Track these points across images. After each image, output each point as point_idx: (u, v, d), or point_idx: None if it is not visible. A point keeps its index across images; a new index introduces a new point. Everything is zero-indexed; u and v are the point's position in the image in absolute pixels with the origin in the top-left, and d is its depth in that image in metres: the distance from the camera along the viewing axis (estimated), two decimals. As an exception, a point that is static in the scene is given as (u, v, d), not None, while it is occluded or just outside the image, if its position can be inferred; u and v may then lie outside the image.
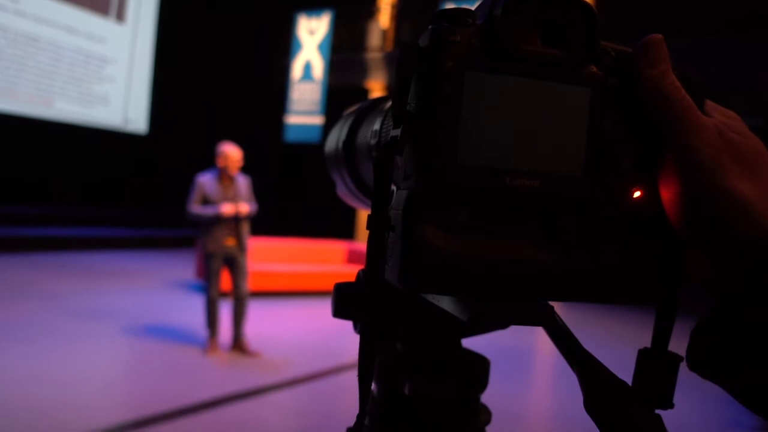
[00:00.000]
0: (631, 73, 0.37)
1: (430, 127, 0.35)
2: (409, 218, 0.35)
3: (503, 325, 0.52)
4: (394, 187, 0.39)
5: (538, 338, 7.05)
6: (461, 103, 0.35)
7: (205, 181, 5.46)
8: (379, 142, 0.49)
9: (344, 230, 12.70)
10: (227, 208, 5.40)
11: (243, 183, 5.61)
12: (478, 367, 0.55)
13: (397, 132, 0.37)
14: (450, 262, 0.35)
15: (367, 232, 0.37)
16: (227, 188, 5.50)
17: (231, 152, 5.48)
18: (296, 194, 14.56)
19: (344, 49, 13.73)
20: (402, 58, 0.36)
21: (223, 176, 5.50)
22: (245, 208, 5.50)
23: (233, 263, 5.57)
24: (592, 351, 0.43)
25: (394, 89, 0.37)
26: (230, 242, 5.51)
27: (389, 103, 0.52)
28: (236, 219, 5.48)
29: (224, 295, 5.91)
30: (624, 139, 0.37)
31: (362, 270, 0.45)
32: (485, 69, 0.35)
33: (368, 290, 0.38)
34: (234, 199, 5.50)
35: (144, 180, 16.47)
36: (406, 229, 0.35)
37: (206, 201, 5.42)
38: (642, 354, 0.41)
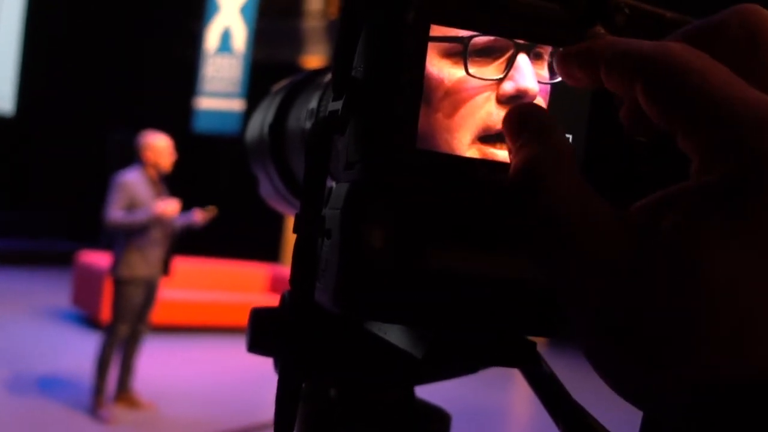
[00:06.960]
0: (649, 36, 0.36)
1: (382, 97, 0.34)
2: (352, 218, 0.34)
3: (471, 368, 0.52)
4: (332, 183, 0.38)
5: (515, 389, 7.11)
6: (425, 66, 0.34)
7: (134, 181, 5.23)
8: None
9: (267, 249, 12.64)
10: (165, 207, 5.18)
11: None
12: (436, 424, 0.54)
13: (338, 105, 0.35)
14: (403, 278, 0.33)
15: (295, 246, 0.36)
16: (160, 192, 5.36)
17: (161, 143, 5.32)
18: (207, 200, 14.47)
19: (274, 14, 13.72)
20: (348, 6, 0.35)
21: (153, 175, 5.32)
22: (174, 207, 5.35)
23: (150, 292, 5.37)
24: (585, 405, 0.43)
25: (335, 49, 0.36)
26: (158, 265, 5.33)
27: (330, 75, 0.51)
28: (178, 231, 5.41)
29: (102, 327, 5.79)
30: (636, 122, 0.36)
31: (288, 291, 0.44)
32: (458, 23, 0.34)
33: (293, 315, 0.36)
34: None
35: (6, 175, 16.11)
36: (347, 233, 0.34)
37: (134, 208, 5.20)
38: None
